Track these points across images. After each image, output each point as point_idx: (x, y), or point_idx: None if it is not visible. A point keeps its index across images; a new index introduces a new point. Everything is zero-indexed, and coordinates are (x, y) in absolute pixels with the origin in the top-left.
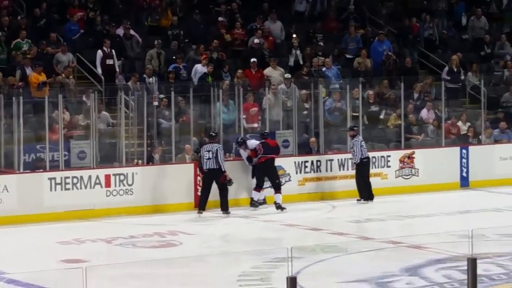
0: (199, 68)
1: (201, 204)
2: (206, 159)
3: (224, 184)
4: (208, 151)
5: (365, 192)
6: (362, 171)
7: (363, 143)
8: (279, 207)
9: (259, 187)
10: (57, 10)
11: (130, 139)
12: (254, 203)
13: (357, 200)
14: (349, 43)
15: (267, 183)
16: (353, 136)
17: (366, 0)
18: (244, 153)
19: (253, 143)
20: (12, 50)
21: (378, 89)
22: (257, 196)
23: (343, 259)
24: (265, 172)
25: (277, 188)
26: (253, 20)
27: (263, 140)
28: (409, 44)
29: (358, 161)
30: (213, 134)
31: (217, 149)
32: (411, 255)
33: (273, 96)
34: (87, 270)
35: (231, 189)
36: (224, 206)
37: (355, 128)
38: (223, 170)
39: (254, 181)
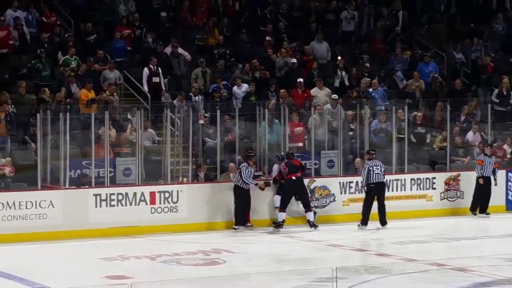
0: (236, 90)
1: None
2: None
3: (239, 201)
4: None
5: (365, 217)
6: (367, 196)
7: (376, 168)
8: (313, 225)
9: (283, 208)
10: (105, 27)
11: (176, 157)
12: (278, 224)
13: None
14: (395, 64)
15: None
16: (369, 160)
17: (413, 22)
18: (275, 171)
19: (275, 167)
20: (60, 66)
21: (424, 111)
22: (281, 217)
23: (387, 280)
24: (295, 191)
25: (308, 206)
26: (299, 40)
27: (287, 160)
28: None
29: (365, 186)
30: (250, 154)
31: (241, 167)
32: (456, 277)
33: (319, 116)
34: (132, 287)
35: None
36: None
37: (371, 152)
38: (251, 186)
39: (275, 198)
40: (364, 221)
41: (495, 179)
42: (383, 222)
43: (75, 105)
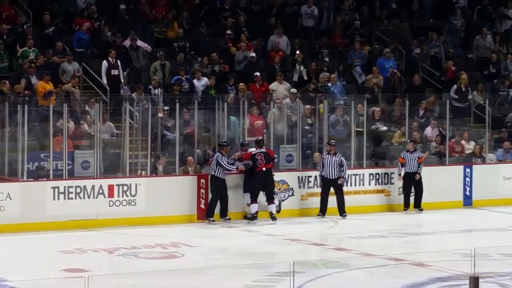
0: (195, 83)
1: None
2: None
3: (215, 193)
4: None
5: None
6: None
7: (331, 160)
8: (273, 218)
9: (254, 199)
10: (63, 19)
11: (134, 150)
12: (252, 216)
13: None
14: (354, 59)
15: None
16: (328, 152)
17: (373, 17)
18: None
19: (253, 149)
20: (18, 58)
21: (383, 106)
22: (254, 208)
23: (345, 275)
24: (264, 182)
25: (271, 198)
26: (259, 34)
27: (264, 151)
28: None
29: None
30: (223, 144)
31: (216, 157)
32: (413, 272)
33: (278, 111)
34: (89, 280)
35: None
36: (208, 213)
37: (331, 143)
38: (233, 171)
39: (246, 196)
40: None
41: (418, 173)
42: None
43: (34, 97)
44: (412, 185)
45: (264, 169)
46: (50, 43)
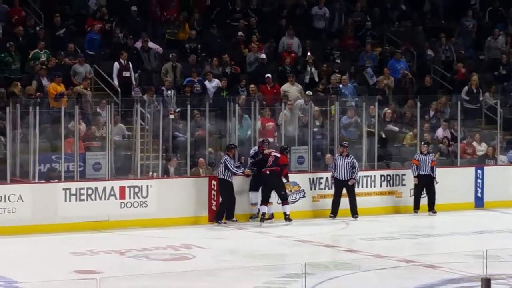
0: (207, 84)
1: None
2: None
3: (225, 195)
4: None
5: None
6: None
7: (345, 161)
8: (288, 218)
9: (266, 201)
10: (75, 21)
11: (146, 152)
12: (263, 218)
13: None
14: (365, 60)
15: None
16: (341, 153)
17: (384, 18)
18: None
19: (272, 151)
20: (30, 60)
21: (395, 107)
22: (263, 210)
23: (356, 276)
24: (272, 184)
25: (284, 199)
26: (270, 35)
27: (278, 155)
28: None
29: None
30: (230, 146)
31: (223, 160)
32: (425, 274)
33: (289, 112)
34: (101, 281)
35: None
36: (217, 216)
37: (344, 144)
38: (238, 174)
39: (251, 194)
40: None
41: (434, 177)
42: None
43: (45, 99)
44: (424, 187)
45: (268, 172)
46: (62, 45)
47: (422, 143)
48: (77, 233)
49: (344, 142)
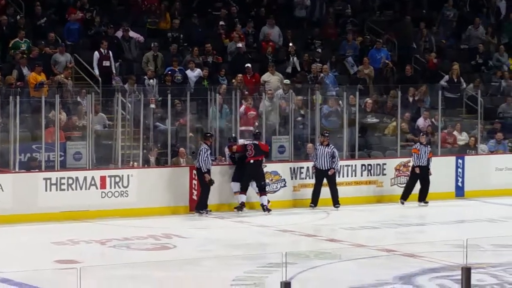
0: (189, 73)
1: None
2: None
3: (205, 184)
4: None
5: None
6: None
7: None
8: (266, 209)
9: (244, 190)
10: (56, 10)
11: (126, 141)
12: (240, 207)
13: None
14: (347, 49)
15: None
16: (322, 143)
17: (365, 7)
18: (228, 152)
19: (243, 140)
20: (10, 49)
21: (376, 97)
22: (242, 199)
23: (337, 266)
24: (253, 174)
25: (263, 190)
26: (251, 25)
27: (256, 143)
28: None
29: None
30: (207, 135)
31: (200, 150)
32: (405, 263)
33: (270, 101)
34: (81, 271)
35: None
36: (199, 206)
37: (325, 134)
38: (203, 171)
39: (233, 185)
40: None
41: (429, 169)
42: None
43: (26, 89)
44: (419, 179)
45: (252, 161)
46: (42, 34)
47: (421, 134)
48: (58, 222)
49: (325, 132)
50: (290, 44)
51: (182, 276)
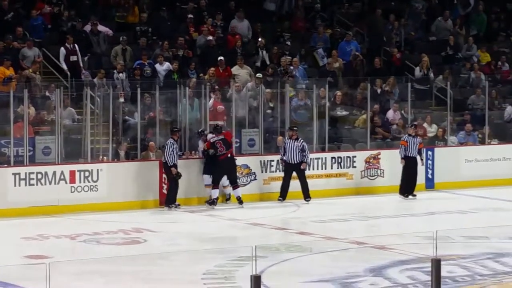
0: (158, 67)
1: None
2: None
3: (172, 179)
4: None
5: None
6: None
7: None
8: (241, 201)
9: (216, 184)
10: (23, 4)
11: (96, 136)
12: (212, 201)
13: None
14: (317, 42)
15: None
16: (291, 137)
17: (334, 0)
18: (202, 145)
19: (210, 136)
20: None
21: (346, 90)
22: (215, 194)
23: (308, 258)
24: (227, 169)
25: (236, 183)
26: (221, 18)
27: (222, 137)
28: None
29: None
30: (174, 129)
31: (166, 144)
32: (376, 255)
33: (237, 94)
34: (50, 266)
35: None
36: (168, 200)
37: (294, 128)
38: (169, 164)
39: (205, 177)
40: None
41: (421, 159)
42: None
43: None
44: (410, 170)
45: (229, 155)
46: (10, 29)
47: (410, 125)
48: (27, 218)
49: (294, 126)
50: (260, 39)
51: (153, 270)
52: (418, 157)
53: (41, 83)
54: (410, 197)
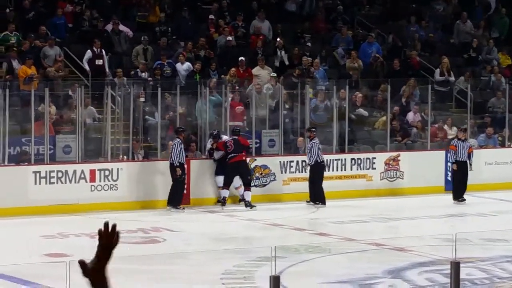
0: (178, 66)
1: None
2: None
3: (176, 179)
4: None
5: (316, 195)
6: (316, 173)
7: (320, 146)
8: (248, 205)
9: (227, 185)
10: (45, 3)
11: (116, 135)
12: (222, 200)
13: (307, 202)
14: (340, 43)
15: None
16: (311, 138)
17: (355, 1)
18: (209, 145)
19: (226, 137)
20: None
21: (366, 91)
22: (224, 194)
23: (326, 260)
24: (237, 171)
25: (248, 185)
26: (242, 19)
27: (236, 137)
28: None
29: (313, 163)
30: (179, 129)
31: (174, 144)
32: (394, 257)
33: (258, 95)
34: (70, 265)
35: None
36: (172, 201)
37: (312, 130)
38: (175, 164)
39: (217, 178)
40: (323, 200)
41: (470, 164)
42: (323, 200)
43: (16, 82)
44: (461, 175)
45: (241, 159)
46: (32, 28)
47: (460, 129)
48: (47, 216)
49: (312, 128)
50: (278, 39)
51: (171, 270)
52: (468, 162)
53: (62, 82)
54: (460, 201)
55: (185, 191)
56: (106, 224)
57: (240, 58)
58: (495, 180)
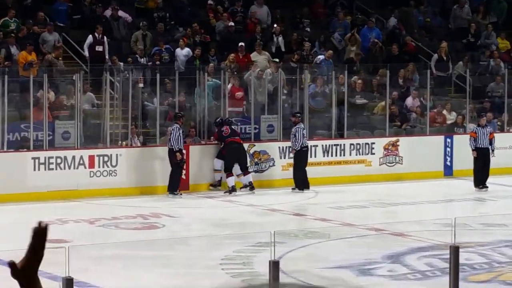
0: (178, 52)
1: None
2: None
3: (176, 164)
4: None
5: (300, 181)
6: (300, 159)
7: (304, 131)
8: (252, 187)
9: (230, 172)
10: None
11: (115, 121)
12: (232, 189)
13: (292, 189)
14: (337, 28)
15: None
16: (296, 123)
17: None
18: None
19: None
20: None
21: (364, 76)
22: (231, 182)
23: (326, 245)
24: (235, 155)
25: (246, 169)
26: (241, 4)
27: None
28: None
29: (298, 148)
30: (178, 115)
31: (172, 129)
32: (394, 242)
33: (257, 81)
34: (70, 250)
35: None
36: (171, 187)
37: (298, 115)
38: (174, 150)
39: (216, 161)
40: (306, 185)
41: (492, 150)
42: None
43: (14, 68)
44: (482, 161)
45: (234, 142)
46: (31, 14)
47: (480, 116)
48: (46, 202)
49: (297, 112)
50: (275, 25)
51: (171, 256)
52: (490, 148)
53: (61, 68)
54: (482, 188)
55: (184, 176)
56: (40, 223)
57: (239, 44)
58: (494, 164)
